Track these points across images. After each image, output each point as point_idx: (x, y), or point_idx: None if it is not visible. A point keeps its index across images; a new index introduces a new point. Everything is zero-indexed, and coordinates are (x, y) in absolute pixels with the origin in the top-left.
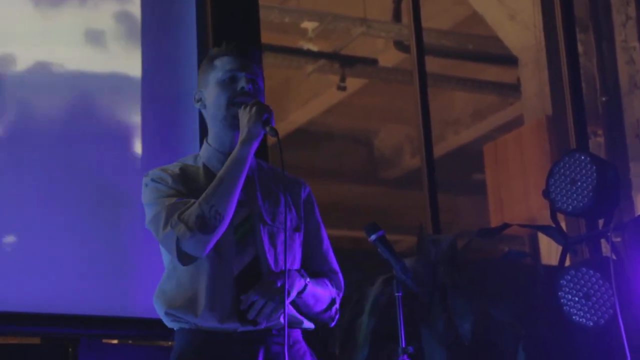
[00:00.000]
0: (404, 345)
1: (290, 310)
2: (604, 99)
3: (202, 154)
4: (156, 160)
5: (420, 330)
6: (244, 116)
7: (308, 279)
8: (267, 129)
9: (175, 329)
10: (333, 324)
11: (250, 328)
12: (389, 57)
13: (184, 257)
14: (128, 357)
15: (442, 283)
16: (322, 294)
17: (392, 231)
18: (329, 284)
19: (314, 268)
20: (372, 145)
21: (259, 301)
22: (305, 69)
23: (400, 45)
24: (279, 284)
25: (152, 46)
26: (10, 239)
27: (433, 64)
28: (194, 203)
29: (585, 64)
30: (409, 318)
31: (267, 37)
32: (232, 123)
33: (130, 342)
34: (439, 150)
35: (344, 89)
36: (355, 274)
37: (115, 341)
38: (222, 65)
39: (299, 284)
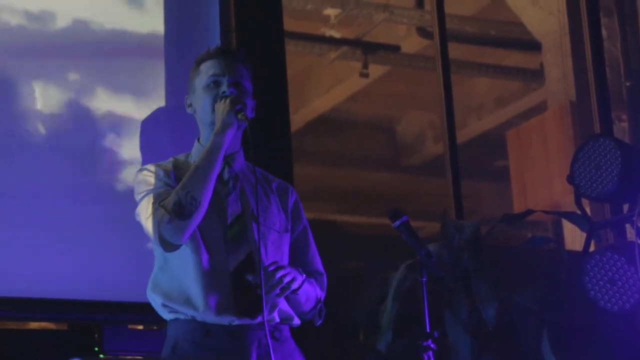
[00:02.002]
0: (428, 330)
1: (284, 306)
2: (628, 83)
3: (193, 153)
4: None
5: (444, 315)
6: (219, 108)
7: (305, 276)
8: (239, 116)
9: (169, 319)
10: (319, 322)
11: (246, 321)
12: (412, 44)
13: (165, 244)
14: (153, 343)
15: (465, 269)
16: (311, 292)
17: (416, 217)
18: (315, 284)
19: (301, 269)
20: (394, 132)
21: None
22: (328, 56)
23: (423, 32)
24: (278, 275)
25: (174, 35)
26: (38, 227)
27: (456, 50)
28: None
29: (609, 49)
30: (433, 303)
31: (289, 24)
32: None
33: (155, 327)
34: (461, 136)
35: (366, 75)
36: (378, 260)
37: (140, 327)
38: (206, 70)
39: (299, 279)
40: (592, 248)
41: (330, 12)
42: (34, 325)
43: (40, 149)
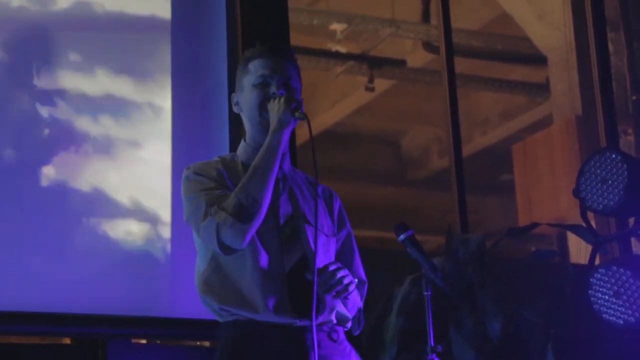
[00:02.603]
0: (432, 344)
1: (341, 307)
2: (634, 97)
3: (239, 153)
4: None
5: (449, 329)
6: (273, 107)
7: (356, 281)
8: (297, 114)
9: (226, 320)
10: (357, 332)
11: (306, 323)
12: (418, 58)
13: (225, 248)
14: (156, 357)
15: (470, 282)
16: (357, 300)
17: (421, 231)
18: (358, 294)
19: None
20: (400, 146)
21: (324, 286)
22: (334, 71)
23: (429, 46)
24: (339, 275)
25: (182, 51)
26: (41, 241)
27: (462, 65)
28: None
29: (615, 63)
30: (438, 317)
31: (296, 39)
32: (267, 127)
33: (158, 341)
34: (467, 150)
35: (372, 90)
36: (383, 273)
37: (143, 341)
38: (255, 69)
39: (354, 282)
40: (597, 262)
41: (337, 27)
42: (37, 340)
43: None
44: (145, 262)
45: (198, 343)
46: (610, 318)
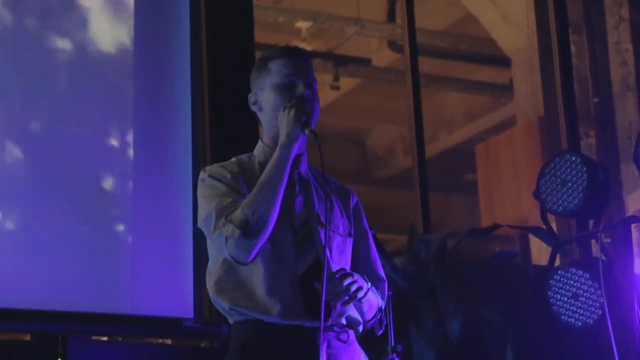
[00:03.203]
0: (393, 344)
1: (353, 311)
2: (596, 100)
3: (257, 153)
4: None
5: (410, 329)
6: (283, 119)
7: (370, 284)
8: (306, 131)
9: (235, 322)
10: (380, 332)
11: (315, 324)
12: (383, 57)
13: (233, 259)
14: (117, 354)
15: (431, 282)
16: (374, 301)
17: (385, 230)
18: (376, 292)
19: (362, 274)
20: (365, 144)
21: (330, 294)
22: None
23: (394, 45)
24: (345, 283)
25: (145, 47)
26: (0, 237)
27: (426, 64)
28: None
29: (577, 66)
30: (399, 317)
31: (260, 36)
32: None
33: (119, 339)
34: (431, 150)
35: (337, 88)
36: None
37: (104, 338)
38: (278, 70)
39: (365, 287)
40: (557, 263)
41: (302, 24)
42: None
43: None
44: (107, 259)
45: (160, 341)
46: (569, 320)
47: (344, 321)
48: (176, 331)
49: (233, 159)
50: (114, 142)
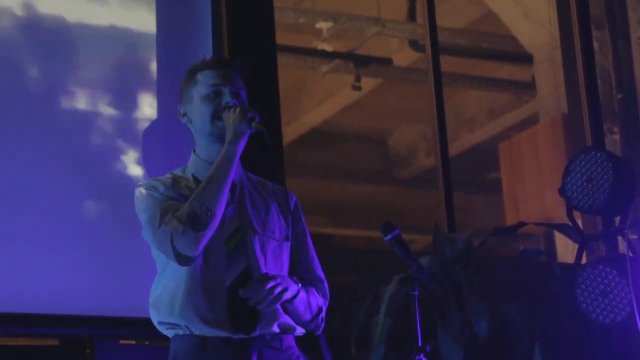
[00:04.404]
0: (420, 344)
1: (284, 318)
2: (619, 96)
3: (190, 166)
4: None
5: (437, 329)
6: (229, 117)
7: (300, 285)
8: (253, 124)
9: (170, 336)
10: (319, 332)
11: (242, 336)
12: (404, 57)
13: (180, 257)
14: (145, 358)
15: (457, 282)
16: (311, 301)
17: (408, 230)
18: (316, 292)
19: (300, 276)
20: (386, 144)
21: (253, 299)
22: (320, 69)
23: (415, 45)
24: (268, 286)
25: (167, 54)
26: (28, 241)
27: (448, 63)
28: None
29: (600, 62)
30: (425, 317)
31: (281, 37)
32: (219, 137)
33: (147, 342)
34: (453, 149)
35: (358, 88)
36: (370, 273)
37: (132, 342)
38: (204, 80)
39: (292, 288)
40: (583, 260)
41: (323, 25)
42: (25, 341)
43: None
44: (134, 262)
45: None
46: (597, 317)
47: (276, 329)
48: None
49: (167, 174)
50: (142, 149)
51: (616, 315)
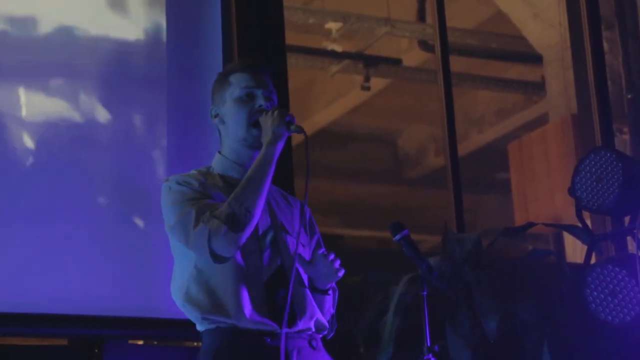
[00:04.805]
0: (429, 344)
1: (319, 315)
2: (629, 96)
3: (215, 166)
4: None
5: (446, 329)
6: (267, 120)
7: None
8: (292, 127)
9: (206, 329)
10: (331, 335)
11: (286, 330)
12: (413, 57)
13: (215, 256)
14: (153, 358)
15: (467, 282)
16: (330, 307)
17: (417, 230)
18: (331, 300)
19: (314, 284)
20: (396, 145)
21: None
22: (329, 70)
23: (425, 45)
24: (330, 258)
25: (177, 49)
26: (37, 241)
27: (457, 63)
28: (221, 205)
29: (610, 62)
30: (434, 317)
31: (291, 37)
32: (252, 144)
33: (155, 342)
34: (463, 149)
35: (368, 89)
36: (379, 273)
37: (140, 342)
38: (237, 82)
39: (342, 271)
40: (593, 261)
41: (332, 25)
42: (34, 341)
43: (36, 161)
44: (142, 262)
45: (195, 344)
46: (607, 317)
47: (313, 327)
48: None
49: (193, 171)
50: (150, 145)
51: (625, 315)
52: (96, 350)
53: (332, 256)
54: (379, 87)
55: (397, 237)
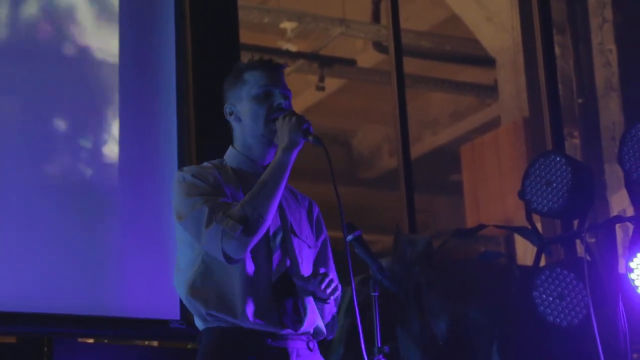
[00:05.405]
0: (379, 345)
1: (319, 321)
2: (580, 100)
3: (228, 160)
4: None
5: (396, 330)
6: (284, 125)
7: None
8: (310, 137)
9: (207, 327)
10: (331, 336)
11: (288, 331)
12: (368, 58)
13: (227, 257)
14: (104, 356)
15: (417, 283)
16: (333, 308)
17: (370, 231)
18: (333, 301)
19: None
20: (350, 145)
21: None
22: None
23: (379, 46)
24: (328, 279)
25: (130, 49)
26: None
27: (411, 65)
28: (234, 204)
29: (562, 66)
30: (385, 318)
31: (246, 36)
32: (270, 140)
33: (105, 341)
34: (416, 150)
35: (322, 89)
36: None
37: (90, 340)
38: (254, 80)
39: (339, 288)
40: (543, 263)
41: (287, 25)
42: None
43: None
44: (93, 260)
45: (146, 343)
46: (555, 320)
47: (312, 331)
48: (163, 333)
49: (207, 164)
50: (101, 144)
51: (573, 318)
52: (45, 349)
53: (327, 280)
54: (333, 87)
55: (350, 237)
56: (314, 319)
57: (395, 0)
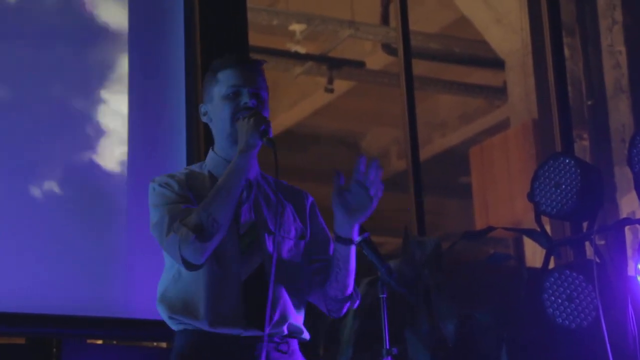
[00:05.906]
0: (388, 347)
1: (294, 319)
2: (589, 102)
3: (208, 162)
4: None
5: (405, 332)
6: (242, 127)
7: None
8: (264, 139)
9: (177, 330)
10: (356, 304)
11: (254, 333)
12: (377, 60)
13: (187, 263)
14: (112, 357)
15: (426, 285)
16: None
17: (378, 233)
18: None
19: (327, 255)
20: (359, 147)
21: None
22: (293, 71)
23: (388, 48)
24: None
25: (139, 50)
26: None
27: (420, 67)
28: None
29: (571, 68)
30: (393, 320)
31: (255, 39)
32: (237, 139)
33: (114, 342)
34: (425, 153)
35: (331, 91)
36: None
37: (99, 341)
38: (225, 80)
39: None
40: (552, 265)
41: (296, 27)
42: None
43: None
44: (102, 262)
45: (155, 344)
46: (564, 322)
47: (285, 331)
48: (171, 334)
49: (184, 169)
50: (109, 145)
51: (582, 321)
52: (54, 350)
53: (372, 175)
54: (342, 89)
55: (358, 239)
56: (287, 317)
57: (404, 2)
